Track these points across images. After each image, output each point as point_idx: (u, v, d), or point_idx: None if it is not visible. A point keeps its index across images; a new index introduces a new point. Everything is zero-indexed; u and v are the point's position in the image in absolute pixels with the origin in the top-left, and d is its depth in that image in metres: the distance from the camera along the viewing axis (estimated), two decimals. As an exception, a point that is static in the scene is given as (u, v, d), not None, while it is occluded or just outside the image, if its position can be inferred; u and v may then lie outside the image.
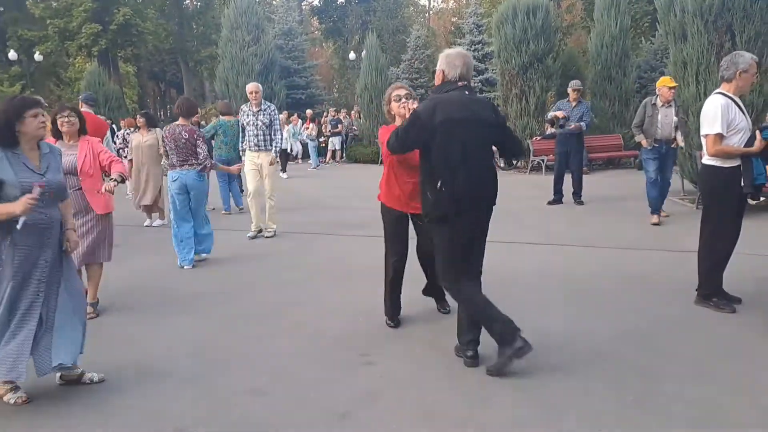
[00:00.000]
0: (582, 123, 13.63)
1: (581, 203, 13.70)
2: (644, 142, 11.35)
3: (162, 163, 12.51)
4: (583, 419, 4.39)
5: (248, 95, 11.04)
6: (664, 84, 11.12)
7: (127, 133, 17.78)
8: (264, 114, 10.92)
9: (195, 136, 9.15)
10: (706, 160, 6.64)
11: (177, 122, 9.36)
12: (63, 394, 5.03)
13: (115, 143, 16.85)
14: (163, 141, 9.68)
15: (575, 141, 13.73)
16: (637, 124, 11.47)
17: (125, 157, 14.63)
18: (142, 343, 6.14)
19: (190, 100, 9.81)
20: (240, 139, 11.52)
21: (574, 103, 13.85)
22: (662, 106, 11.14)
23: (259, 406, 4.71)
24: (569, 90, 14.03)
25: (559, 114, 13.77)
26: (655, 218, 11.34)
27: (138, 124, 12.76)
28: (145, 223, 12.70)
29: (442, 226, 5.23)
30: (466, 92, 5.17)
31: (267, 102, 11.29)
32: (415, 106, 5.41)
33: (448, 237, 5.23)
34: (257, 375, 5.27)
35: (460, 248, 5.29)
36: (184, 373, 5.37)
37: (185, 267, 9.13)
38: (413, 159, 5.61)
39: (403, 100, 5.88)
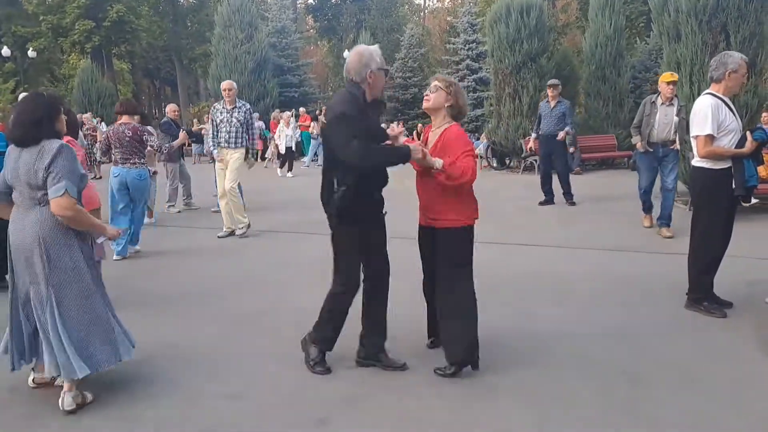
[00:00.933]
0: (567, 128, 13.61)
1: (573, 204, 13.61)
2: (638, 144, 10.49)
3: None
4: (570, 425, 4.30)
5: (222, 92, 10.95)
6: (663, 79, 10.28)
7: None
8: (239, 112, 10.81)
9: (139, 132, 9.44)
10: (697, 161, 6.58)
11: (120, 121, 9.55)
12: (32, 397, 4.93)
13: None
14: (104, 139, 9.70)
15: (557, 142, 13.62)
16: (636, 124, 10.64)
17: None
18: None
19: (131, 101, 10.20)
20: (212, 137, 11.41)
21: (552, 103, 13.77)
22: (662, 104, 10.23)
23: (233, 411, 4.60)
24: (547, 88, 13.93)
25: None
26: (647, 219, 10.94)
27: None
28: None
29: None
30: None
31: (241, 100, 11.21)
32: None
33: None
34: (234, 379, 5.16)
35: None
36: (159, 376, 5.24)
37: (116, 258, 9.30)
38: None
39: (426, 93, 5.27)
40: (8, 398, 4.91)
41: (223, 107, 10.92)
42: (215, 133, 10.97)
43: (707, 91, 6.55)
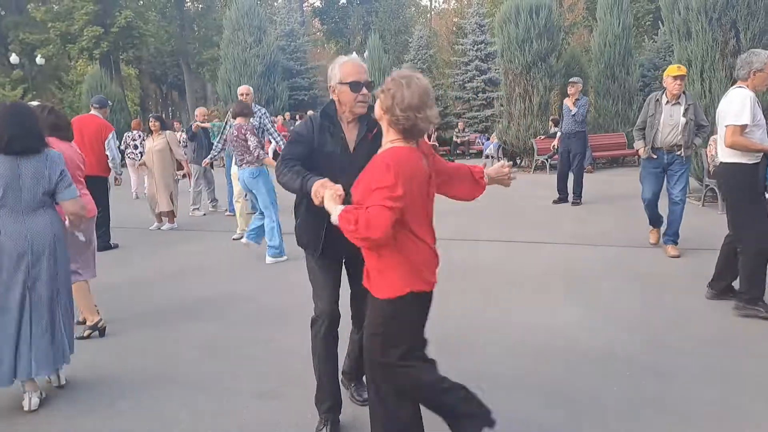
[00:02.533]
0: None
1: (576, 203, 13.72)
2: (641, 150, 9.17)
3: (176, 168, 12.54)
4: (597, 420, 4.35)
5: (239, 97, 11.06)
6: (669, 73, 8.79)
7: (138, 136, 17.81)
8: (255, 117, 10.87)
9: (243, 132, 9.47)
10: (727, 157, 6.49)
11: (236, 122, 9.67)
12: (71, 399, 5.01)
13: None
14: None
15: (575, 142, 13.69)
16: (639, 125, 9.25)
17: (134, 159, 14.58)
18: (149, 348, 6.11)
19: (241, 102, 10.14)
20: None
21: (572, 100, 13.82)
22: (668, 103, 8.82)
23: (268, 410, 4.68)
24: (568, 86, 14.00)
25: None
26: (653, 235, 9.69)
27: (151, 128, 12.62)
28: (152, 227, 12.60)
29: None
30: None
31: (257, 105, 11.29)
32: None
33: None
34: (266, 378, 5.24)
35: None
36: (192, 377, 5.33)
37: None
38: None
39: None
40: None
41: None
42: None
43: (737, 85, 6.49)
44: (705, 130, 9.00)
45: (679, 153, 8.86)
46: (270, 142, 11.78)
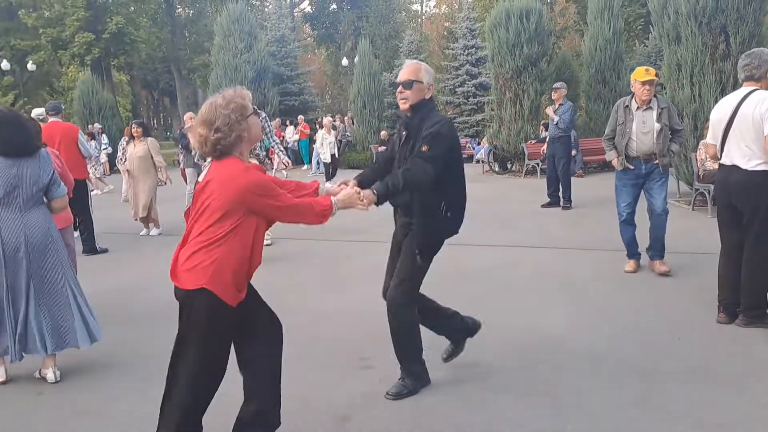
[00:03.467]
0: (555, 117, 13.88)
1: (566, 208, 13.76)
2: (615, 162, 8.34)
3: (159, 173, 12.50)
4: (583, 420, 4.38)
5: None
6: (637, 77, 7.96)
7: (126, 142, 17.76)
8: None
9: None
10: (760, 165, 5.91)
11: None
12: (65, 402, 5.03)
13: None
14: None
15: (559, 146, 13.78)
16: (608, 135, 8.45)
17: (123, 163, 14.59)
18: (141, 351, 6.12)
19: None
20: None
21: (556, 105, 13.97)
22: (638, 109, 8.04)
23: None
24: (552, 92, 14.16)
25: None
26: (631, 264, 8.41)
27: (133, 134, 12.56)
28: (141, 233, 12.58)
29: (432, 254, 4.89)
30: None
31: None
32: None
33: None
34: (255, 380, 5.22)
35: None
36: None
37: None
38: None
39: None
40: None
41: None
42: None
43: (751, 86, 6.12)
44: (680, 134, 8.17)
45: (656, 162, 8.01)
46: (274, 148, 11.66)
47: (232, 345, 3.98)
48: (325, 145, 20.66)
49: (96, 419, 4.72)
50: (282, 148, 11.51)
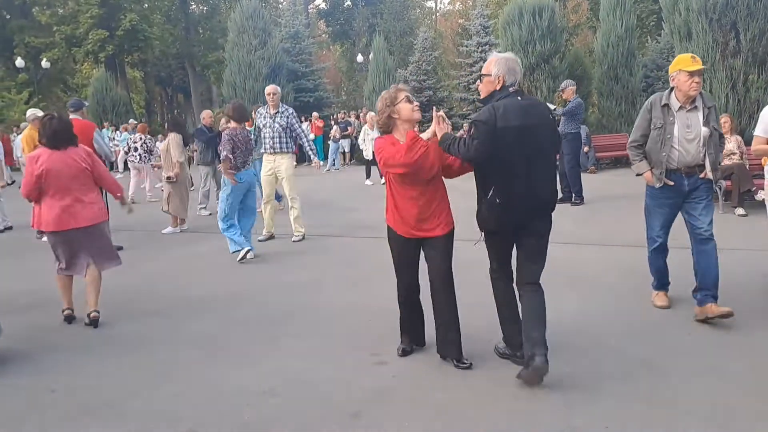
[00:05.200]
0: (557, 110, 13.71)
1: (576, 203, 13.76)
2: (648, 176, 6.42)
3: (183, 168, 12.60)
4: (592, 414, 4.44)
5: (266, 97, 10.93)
6: (682, 66, 6.06)
7: (139, 138, 17.84)
8: (281, 116, 10.78)
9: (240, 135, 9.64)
10: None
11: (233, 126, 9.68)
12: (74, 393, 5.12)
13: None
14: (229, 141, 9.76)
15: (565, 143, 13.75)
16: (637, 141, 6.50)
17: (133, 161, 14.71)
18: (154, 346, 6.22)
19: (242, 106, 10.10)
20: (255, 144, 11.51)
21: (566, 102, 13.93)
22: (681, 108, 6.18)
23: (271, 407, 4.77)
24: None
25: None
26: (662, 297, 6.86)
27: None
28: (165, 231, 12.64)
29: (493, 236, 5.27)
30: (519, 98, 4.92)
31: (284, 105, 11.11)
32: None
33: (498, 241, 5.29)
34: (269, 376, 5.32)
35: (505, 252, 5.33)
36: (196, 375, 5.44)
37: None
38: (423, 173, 5.15)
39: (416, 102, 5.31)
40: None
41: (266, 111, 10.96)
42: (258, 139, 11.18)
43: None
44: (722, 141, 6.63)
45: (702, 175, 6.26)
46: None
47: None
48: (367, 141, 19.87)
49: (108, 416, 4.80)
50: (313, 146, 11.45)
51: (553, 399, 4.70)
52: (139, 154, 17.42)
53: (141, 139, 17.65)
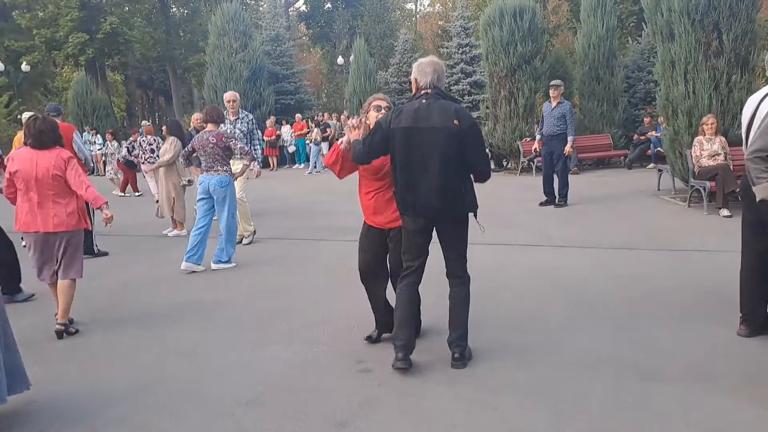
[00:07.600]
0: (570, 138, 13.66)
1: (560, 205, 13.69)
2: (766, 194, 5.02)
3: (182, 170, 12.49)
4: (583, 421, 4.37)
5: (225, 104, 11.07)
6: None
7: (154, 140, 17.65)
8: (242, 122, 10.96)
9: (224, 140, 9.36)
10: None
11: (206, 129, 9.53)
12: (52, 406, 5.00)
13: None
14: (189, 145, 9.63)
15: (558, 143, 13.72)
16: (765, 150, 4.98)
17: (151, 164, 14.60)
18: (133, 354, 6.10)
19: (217, 108, 9.89)
20: None
21: (554, 103, 13.83)
22: None
23: (255, 418, 4.66)
24: (549, 89, 14.02)
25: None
26: None
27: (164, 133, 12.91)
28: (170, 234, 12.55)
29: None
30: (424, 100, 5.15)
31: (244, 111, 11.33)
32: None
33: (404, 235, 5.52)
34: (252, 385, 5.22)
35: (408, 247, 5.50)
36: (177, 384, 5.33)
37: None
38: (375, 168, 5.64)
39: (383, 110, 5.69)
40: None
41: (226, 118, 10.98)
42: None
43: None
44: None
45: None
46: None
47: None
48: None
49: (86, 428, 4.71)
50: (259, 154, 11.44)
51: (543, 407, 4.62)
52: (157, 156, 17.26)
53: (155, 141, 17.46)
